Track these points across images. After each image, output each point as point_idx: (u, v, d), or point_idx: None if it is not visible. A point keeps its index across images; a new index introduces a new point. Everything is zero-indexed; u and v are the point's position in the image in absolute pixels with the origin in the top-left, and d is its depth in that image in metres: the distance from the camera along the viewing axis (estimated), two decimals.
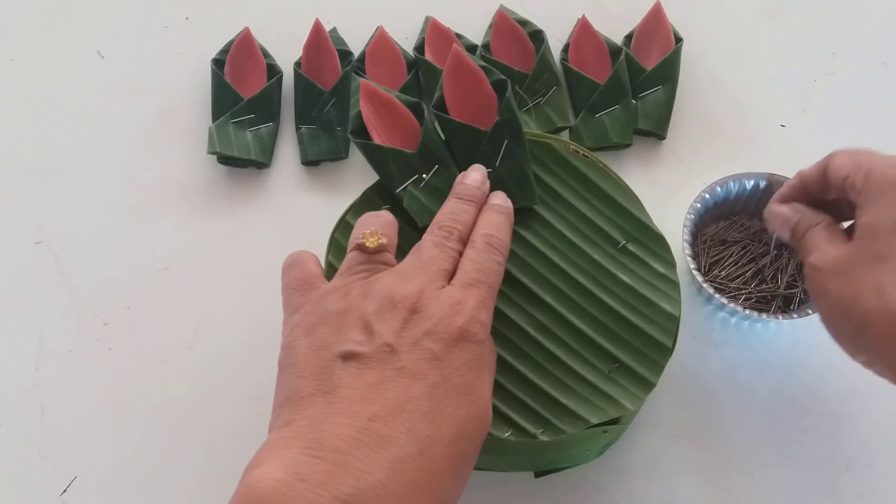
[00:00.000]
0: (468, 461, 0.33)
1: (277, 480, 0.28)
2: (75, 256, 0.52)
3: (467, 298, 0.35)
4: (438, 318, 0.33)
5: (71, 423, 0.47)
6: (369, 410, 0.31)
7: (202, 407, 0.47)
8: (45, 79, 0.60)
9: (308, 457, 0.29)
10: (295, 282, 0.38)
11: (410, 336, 0.33)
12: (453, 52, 0.44)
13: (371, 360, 0.32)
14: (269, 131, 0.56)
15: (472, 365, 0.33)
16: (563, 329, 0.40)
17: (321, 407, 0.31)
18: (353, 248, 0.38)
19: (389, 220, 0.39)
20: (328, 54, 0.57)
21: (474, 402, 0.33)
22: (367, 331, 0.33)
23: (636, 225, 0.43)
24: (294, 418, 0.32)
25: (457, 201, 0.40)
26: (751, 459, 0.45)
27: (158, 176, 0.55)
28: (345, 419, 0.30)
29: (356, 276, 0.37)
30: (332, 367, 0.32)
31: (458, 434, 0.32)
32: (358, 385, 0.32)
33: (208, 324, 0.50)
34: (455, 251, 0.37)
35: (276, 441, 0.31)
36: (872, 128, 0.56)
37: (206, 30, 0.61)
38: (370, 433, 0.30)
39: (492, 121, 0.44)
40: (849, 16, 0.61)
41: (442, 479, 0.31)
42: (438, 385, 0.32)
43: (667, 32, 0.57)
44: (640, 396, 0.39)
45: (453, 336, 0.33)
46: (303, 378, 0.33)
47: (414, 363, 0.32)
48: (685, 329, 0.44)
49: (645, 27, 0.58)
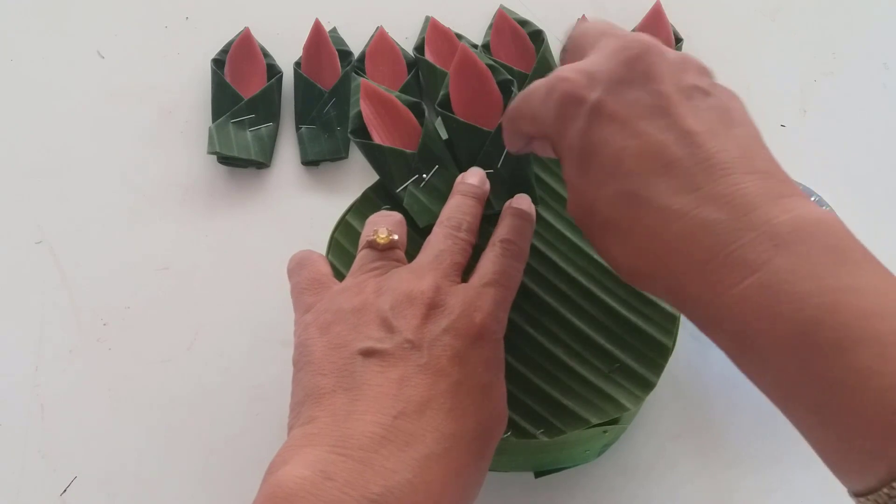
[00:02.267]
0: (487, 458, 0.33)
1: (304, 479, 0.28)
2: (75, 256, 0.52)
3: (485, 296, 0.34)
4: (458, 313, 0.33)
5: (71, 423, 0.47)
6: (394, 408, 0.30)
7: (202, 407, 0.47)
8: (45, 79, 0.60)
9: (334, 455, 0.29)
10: (306, 281, 0.37)
11: (430, 332, 0.33)
12: (461, 50, 0.44)
13: (392, 356, 0.32)
14: (269, 131, 0.56)
15: (490, 363, 0.34)
16: (563, 329, 0.40)
17: (344, 404, 0.31)
18: (364, 247, 0.38)
19: (399, 220, 0.39)
20: (328, 54, 0.57)
21: (493, 398, 0.33)
22: (387, 327, 0.33)
23: None
24: (316, 415, 0.31)
25: (461, 197, 0.40)
26: (751, 459, 0.45)
27: (158, 176, 0.55)
28: (370, 416, 0.30)
29: (369, 273, 0.36)
30: (352, 365, 0.32)
31: (480, 431, 0.32)
32: (381, 382, 0.31)
33: (208, 324, 0.50)
34: (466, 242, 0.37)
35: (299, 438, 0.31)
36: (872, 128, 0.56)
37: (206, 30, 0.61)
38: (396, 431, 0.30)
39: (496, 121, 0.44)
40: (849, 16, 0.61)
41: (466, 475, 0.31)
42: (461, 383, 0.32)
43: (667, 33, 0.57)
44: (640, 396, 0.39)
45: (473, 333, 0.33)
46: (322, 375, 0.32)
47: (436, 360, 0.32)
48: (685, 329, 0.43)
49: (644, 28, 0.58)
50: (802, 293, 0.25)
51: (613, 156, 0.30)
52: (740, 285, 0.27)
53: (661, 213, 0.28)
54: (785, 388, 0.27)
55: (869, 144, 0.56)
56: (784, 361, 0.26)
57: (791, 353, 0.26)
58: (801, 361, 0.25)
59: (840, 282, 0.25)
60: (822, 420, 0.26)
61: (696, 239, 0.28)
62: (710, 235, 0.27)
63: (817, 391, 0.25)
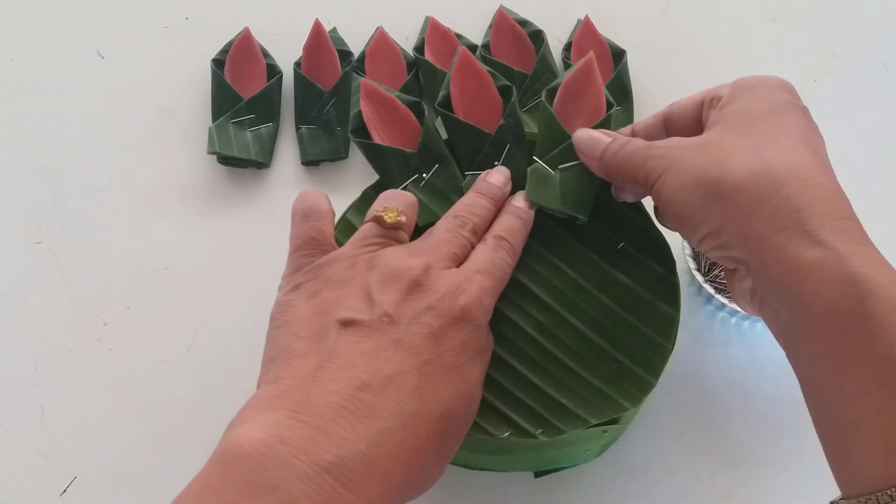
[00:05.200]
0: (453, 440, 0.33)
1: (259, 440, 0.28)
2: (75, 256, 0.52)
3: (473, 282, 0.35)
4: (442, 294, 0.33)
5: (71, 423, 0.47)
6: (359, 379, 0.31)
7: (202, 407, 0.47)
8: (45, 79, 0.60)
9: (292, 420, 0.29)
10: (305, 238, 0.37)
11: (411, 309, 0.33)
12: (463, 54, 0.44)
13: (369, 328, 0.32)
14: (269, 131, 0.56)
15: (467, 347, 0.33)
16: (563, 329, 0.40)
17: (311, 369, 0.31)
18: (369, 220, 0.38)
19: (412, 202, 0.39)
20: (328, 54, 0.57)
21: (464, 381, 0.33)
22: (368, 300, 0.33)
23: (636, 225, 0.43)
24: (283, 375, 0.31)
25: (476, 195, 0.40)
26: (750, 459, 0.45)
27: (158, 176, 0.55)
28: (333, 385, 0.30)
29: (367, 248, 0.36)
30: (328, 332, 0.32)
31: (443, 412, 0.32)
32: (352, 352, 0.31)
33: (208, 324, 0.50)
34: (467, 240, 0.37)
35: (261, 399, 0.31)
36: (872, 128, 0.56)
37: (206, 30, 0.61)
38: (357, 402, 0.30)
39: (494, 124, 0.44)
40: (849, 16, 0.61)
41: (423, 454, 0.31)
42: (431, 362, 0.32)
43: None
44: (639, 396, 0.39)
45: (454, 315, 0.33)
46: (297, 338, 0.33)
47: (411, 336, 0.32)
48: (685, 329, 0.43)
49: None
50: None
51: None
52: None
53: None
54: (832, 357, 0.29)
55: (869, 144, 0.56)
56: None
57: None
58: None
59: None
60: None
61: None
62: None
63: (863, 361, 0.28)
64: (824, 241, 0.30)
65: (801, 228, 0.31)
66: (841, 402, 0.29)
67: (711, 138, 0.35)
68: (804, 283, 0.30)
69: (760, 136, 0.34)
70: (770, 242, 0.31)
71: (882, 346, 0.28)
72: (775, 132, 0.34)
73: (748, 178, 0.32)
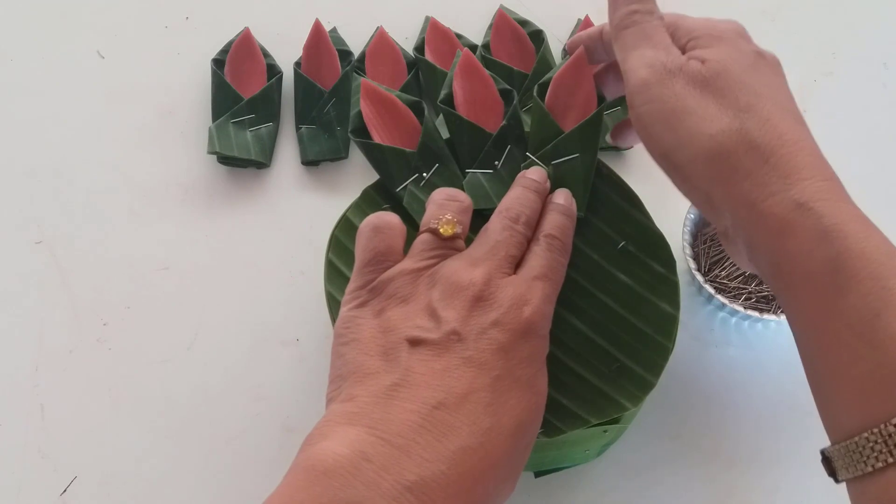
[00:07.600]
0: (524, 451, 0.33)
1: (342, 457, 0.28)
2: (75, 256, 0.52)
3: (534, 290, 0.35)
4: (506, 307, 0.33)
5: (71, 423, 0.47)
6: (434, 398, 0.31)
7: (202, 407, 0.47)
8: (45, 79, 0.60)
9: (373, 437, 0.29)
10: (375, 252, 0.37)
11: (477, 324, 0.33)
12: (465, 55, 0.44)
13: (438, 346, 0.32)
14: (269, 131, 0.56)
15: (534, 358, 0.34)
16: (563, 329, 0.40)
17: (386, 388, 0.31)
18: (425, 230, 0.37)
19: (466, 207, 0.39)
20: (328, 54, 0.57)
21: (533, 393, 0.33)
22: (434, 317, 0.33)
23: (636, 225, 0.43)
24: (357, 393, 0.32)
25: (523, 189, 0.40)
26: (750, 459, 0.45)
27: (158, 176, 0.55)
28: (409, 404, 0.31)
29: (427, 261, 0.36)
30: (398, 350, 0.33)
31: (517, 426, 0.32)
32: (424, 371, 0.32)
33: (208, 324, 0.50)
34: (523, 235, 0.37)
35: (338, 416, 0.31)
36: (872, 128, 0.56)
37: (206, 30, 0.61)
38: (434, 421, 0.30)
39: (495, 125, 0.44)
40: (849, 16, 0.61)
41: (499, 469, 0.31)
42: (502, 377, 0.32)
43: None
44: (640, 396, 0.39)
45: (520, 328, 0.33)
46: (368, 356, 0.33)
47: (480, 353, 0.32)
48: (685, 329, 0.44)
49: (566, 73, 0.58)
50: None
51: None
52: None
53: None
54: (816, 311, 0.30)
55: (869, 144, 0.56)
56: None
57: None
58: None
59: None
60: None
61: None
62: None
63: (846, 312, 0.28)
64: (806, 204, 0.31)
65: (786, 194, 0.31)
66: (820, 354, 0.30)
67: (702, 101, 0.34)
68: (785, 243, 0.31)
69: (743, 101, 0.34)
70: (758, 209, 0.32)
71: (855, 297, 0.28)
72: (754, 100, 0.34)
73: (734, 146, 0.32)
